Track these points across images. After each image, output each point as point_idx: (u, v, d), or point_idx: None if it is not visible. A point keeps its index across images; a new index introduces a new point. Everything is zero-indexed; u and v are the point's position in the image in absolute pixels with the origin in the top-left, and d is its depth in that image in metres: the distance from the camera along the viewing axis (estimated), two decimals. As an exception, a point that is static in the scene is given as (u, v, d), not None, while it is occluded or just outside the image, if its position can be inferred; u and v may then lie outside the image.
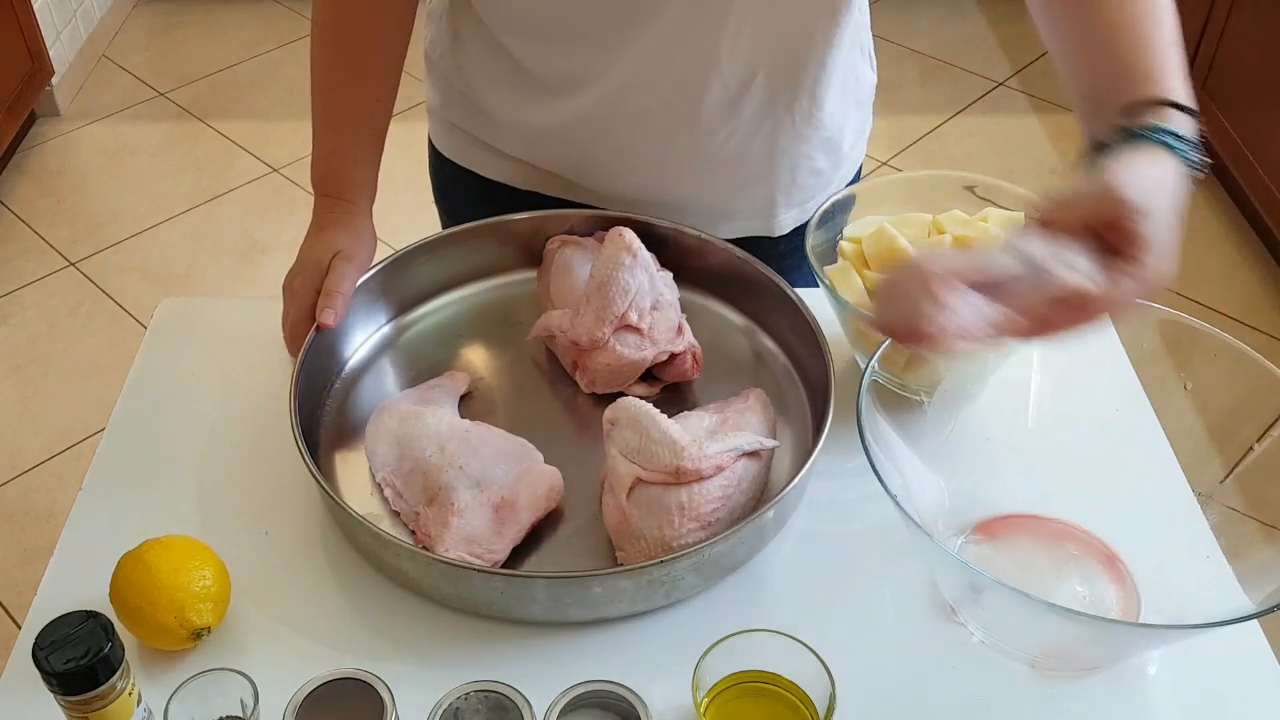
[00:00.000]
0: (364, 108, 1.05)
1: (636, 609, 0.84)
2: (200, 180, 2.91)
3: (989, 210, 1.02)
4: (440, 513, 0.85)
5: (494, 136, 1.13)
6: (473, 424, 0.93)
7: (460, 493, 0.86)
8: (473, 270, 1.09)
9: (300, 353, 0.94)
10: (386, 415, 0.94)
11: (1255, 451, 0.85)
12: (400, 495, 0.89)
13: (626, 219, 1.04)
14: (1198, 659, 0.82)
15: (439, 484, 0.87)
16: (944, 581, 0.85)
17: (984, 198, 1.04)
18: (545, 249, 1.07)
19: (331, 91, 1.04)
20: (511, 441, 0.91)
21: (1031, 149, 2.96)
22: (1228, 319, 2.45)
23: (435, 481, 0.87)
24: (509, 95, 1.08)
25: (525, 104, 1.07)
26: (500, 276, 1.10)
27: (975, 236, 0.98)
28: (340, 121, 1.05)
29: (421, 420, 0.92)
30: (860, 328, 0.97)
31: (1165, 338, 0.91)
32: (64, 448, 2.22)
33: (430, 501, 0.87)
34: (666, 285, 1.00)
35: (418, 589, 0.85)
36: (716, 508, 0.84)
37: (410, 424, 0.92)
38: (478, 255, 1.08)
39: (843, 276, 0.97)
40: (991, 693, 0.80)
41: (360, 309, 1.02)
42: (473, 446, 0.89)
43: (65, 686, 0.65)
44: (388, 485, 0.90)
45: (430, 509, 0.86)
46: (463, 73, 1.10)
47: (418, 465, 0.89)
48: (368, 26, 1.02)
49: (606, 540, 0.88)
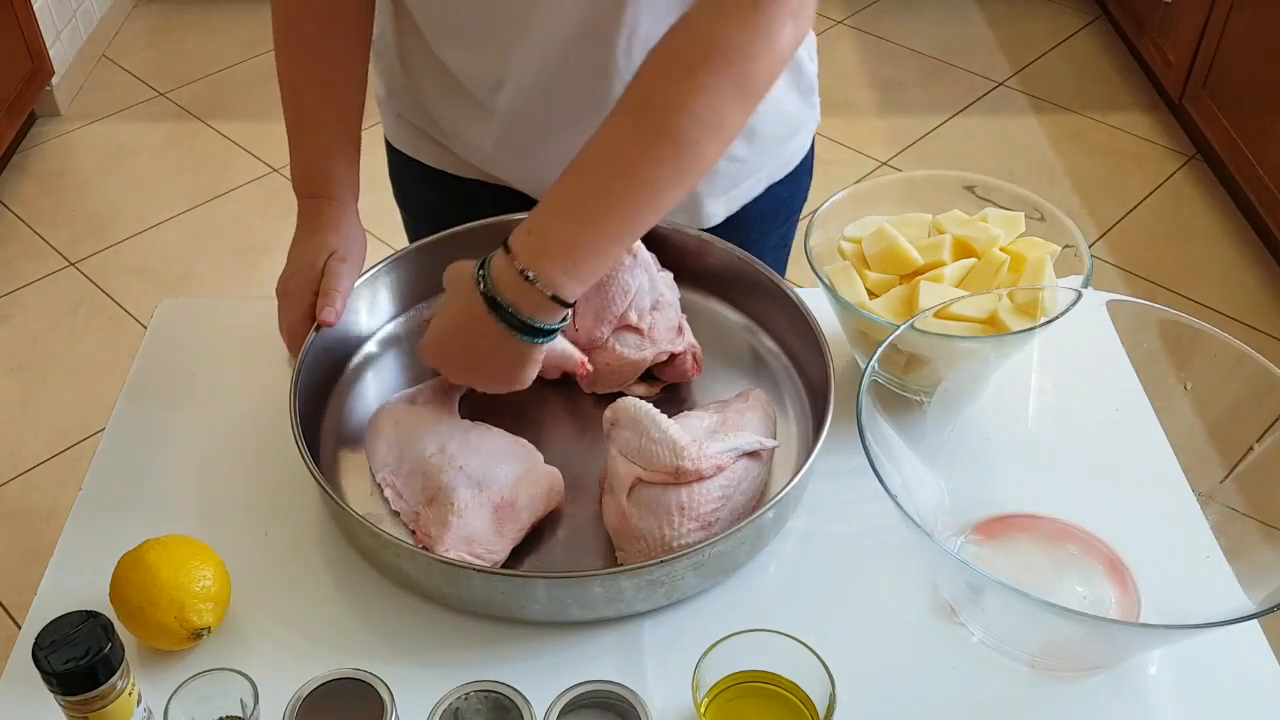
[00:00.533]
0: (337, 105, 1.05)
1: (636, 609, 0.84)
2: (200, 180, 2.91)
3: (989, 210, 1.02)
4: (440, 512, 0.85)
5: (441, 134, 1.13)
6: (473, 424, 0.93)
7: (460, 493, 0.86)
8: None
9: (300, 353, 0.94)
10: (386, 415, 0.94)
11: (1255, 451, 0.85)
12: (400, 495, 0.89)
13: None
14: (1198, 659, 0.82)
15: (439, 484, 0.87)
16: (944, 581, 0.85)
17: (984, 198, 1.04)
18: None
19: (303, 94, 1.04)
20: (512, 441, 0.91)
21: (1031, 149, 2.96)
22: (1228, 319, 2.45)
23: (435, 481, 0.87)
24: (452, 109, 1.08)
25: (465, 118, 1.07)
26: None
27: (975, 236, 0.98)
28: (316, 122, 1.05)
29: (421, 420, 0.92)
30: (860, 328, 0.97)
31: (1165, 338, 0.91)
32: (64, 448, 2.22)
33: (430, 501, 0.87)
34: (667, 285, 1.00)
35: (418, 589, 0.85)
36: (716, 508, 0.84)
37: (410, 424, 0.92)
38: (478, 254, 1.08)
39: (843, 277, 0.97)
40: (991, 693, 0.80)
41: (361, 308, 1.02)
42: (473, 446, 0.89)
43: (65, 686, 0.65)
44: (388, 485, 0.90)
45: (430, 509, 0.86)
46: (407, 68, 1.10)
47: (418, 465, 0.89)
48: (328, 24, 1.02)
49: (606, 540, 0.88)
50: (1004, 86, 3.19)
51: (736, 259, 1.04)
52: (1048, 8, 3.53)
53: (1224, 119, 2.67)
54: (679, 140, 0.81)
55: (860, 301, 0.96)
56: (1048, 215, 1.01)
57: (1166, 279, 2.57)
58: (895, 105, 3.12)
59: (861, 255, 1.00)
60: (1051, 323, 0.91)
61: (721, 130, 0.83)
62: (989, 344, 0.93)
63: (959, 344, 0.92)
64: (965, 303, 0.92)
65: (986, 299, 0.93)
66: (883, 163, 2.90)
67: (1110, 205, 2.78)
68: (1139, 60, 3.23)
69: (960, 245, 0.99)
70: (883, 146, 2.96)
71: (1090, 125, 3.04)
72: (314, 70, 1.04)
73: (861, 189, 1.04)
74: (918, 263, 0.98)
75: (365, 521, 0.83)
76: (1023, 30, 3.43)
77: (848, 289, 0.97)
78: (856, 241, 1.01)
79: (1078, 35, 3.41)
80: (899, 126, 3.04)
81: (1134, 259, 2.63)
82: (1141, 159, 2.93)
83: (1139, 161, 2.92)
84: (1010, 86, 3.19)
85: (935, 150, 2.95)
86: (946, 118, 3.07)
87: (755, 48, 0.81)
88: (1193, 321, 0.89)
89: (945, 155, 2.93)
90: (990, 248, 0.97)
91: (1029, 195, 1.02)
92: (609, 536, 0.88)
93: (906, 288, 0.97)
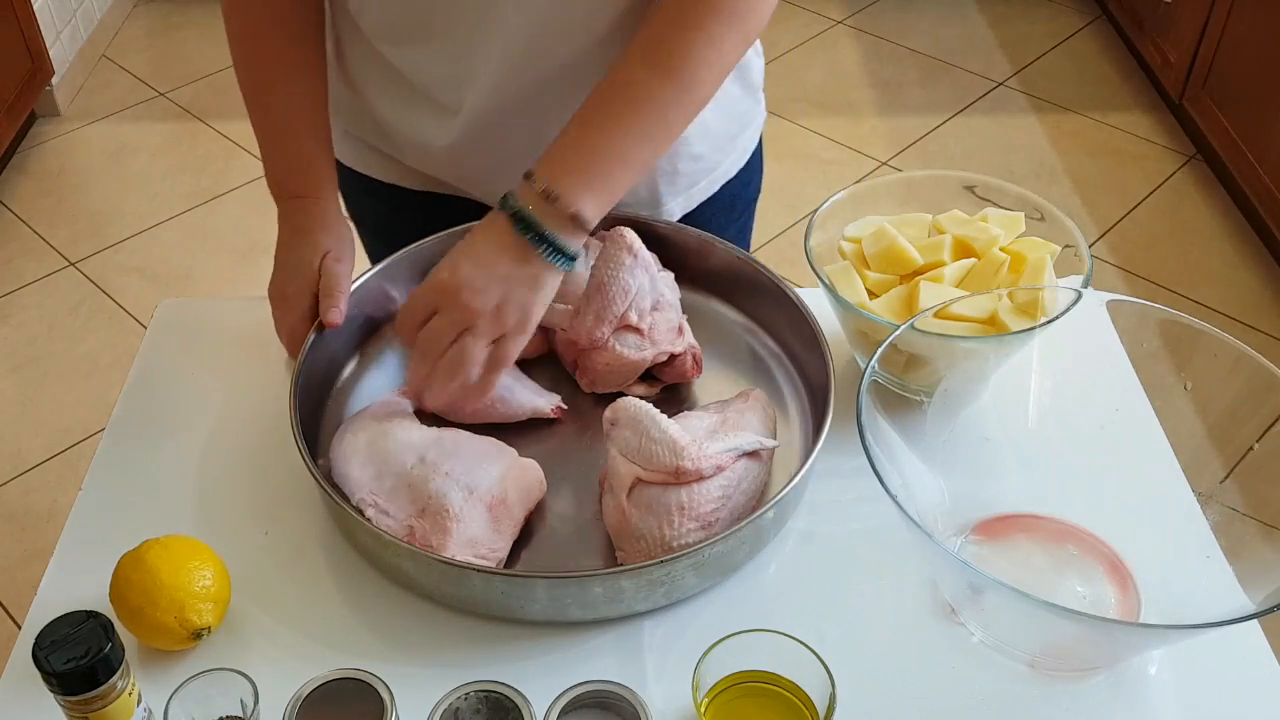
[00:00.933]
0: (305, 103, 1.04)
1: (636, 609, 0.84)
2: (200, 180, 2.91)
3: (989, 210, 1.02)
4: (437, 521, 0.84)
5: (389, 145, 1.13)
6: (441, 429, 0.92)
7: (453, 498, 0.85)
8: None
9: (300, 354, 0.94)
10: (350, 436, 0.92)
11: (1255, 451, 0.85)
12: (386, 513, 0.87)
13: (626, 218, 1.04)
14: (1198, 659, 0.82)
15: (428, 493, 0.86)
16: (944, 581, 0.85)
17: (984, 198, 1.04)
18: None
19: (269, 96, 1.04)
20: (484, 441, 0.91)
21: (1031, 149, 2.96)
22: (1228, 319, 2.45)
23: (424, 491, 0.86)
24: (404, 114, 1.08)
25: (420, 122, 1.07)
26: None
27: (975, 236, 0.98)
28: (286, 123, 1.04)
29: (392, 434, 0.90)
30: (860, 328, 0.97)
31: (1165, 338, 0.91)
32: (64, 448, 2.22)
33: (422, 512, 0.85)
34: (668, 286, 1.00)
35: (418, 589, 0.85)
36: (716, 508, 0.84)
37: (381, 440, 0.90)
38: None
39: (843, 276, 0.97)
40: (991, 693, 0.80)
41: (360, 308, 1.02)
42: (451, 451, 0.89)
43: (65, 686, 0.65)
44: (369, 505, 0.87)
45: (424, 520, 0.85)
46: (350, 79, 1.10)
47: (401, 479, 0.87)
48: (281, 24, 1.02)
49: (606, 540, 0.88)
50: (1004, 86, 3.19)
51: (737, 259, 1.04)
52: (1048, 8, 3.53)
53: (1224, 119, 2.67)
54: (689, 80, 0.90)
55: (860, 301, 0.96)
56: (1048, 215, 1.01)
57: (1166, 279, 2.57)
58: (895, 105, 3.12)
59: (861, 255, 1.00)
60: (1051, 323, 0.91)
61: (723, 71, 0.92)
62: (989, 344, 0.93)
63: (959, 344, 0.92)
64: (965, 303, 0.92)
65: (986, 299, 0.93)
66: (883, 162, 2.90)
67: (1110, 205, 2.78)
68: (1139, 60, 3.23)
69: (960, 245, 0.99)
70: (883, 146, 2.96)
71: (1090, 125, 3.04)
72: (275, 72, 1.03)
73: (861, 189, 1.04)
74: (918, 263, 0.98)
75: (366, 522, 0.83)
76: (1023, 30, 3.43)
77: (848, 289, 0.97)
78: (856, 241, 1.01)
79: (1078, 35, 3.41)
80: (899, 126, 3.04)
81: (1134, 259, 2.63)
82: (1141, 159, 2.93)
83: (1139, 161, 2.92)
84: (1010, 86, 3.19)
85: (935, 150, 2.95)
86: (946, 118, 3.07)
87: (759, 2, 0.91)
88: (1193, 321, 0.89)
89: (945, 155, 2.93)
90: (990, 248, 0.97)
91: (1029, 195, 1.02)
92: (609, 536, 0.88)
93: (906, 288, 0.97)
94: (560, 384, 1.01)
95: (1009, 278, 0.96)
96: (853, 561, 0.88)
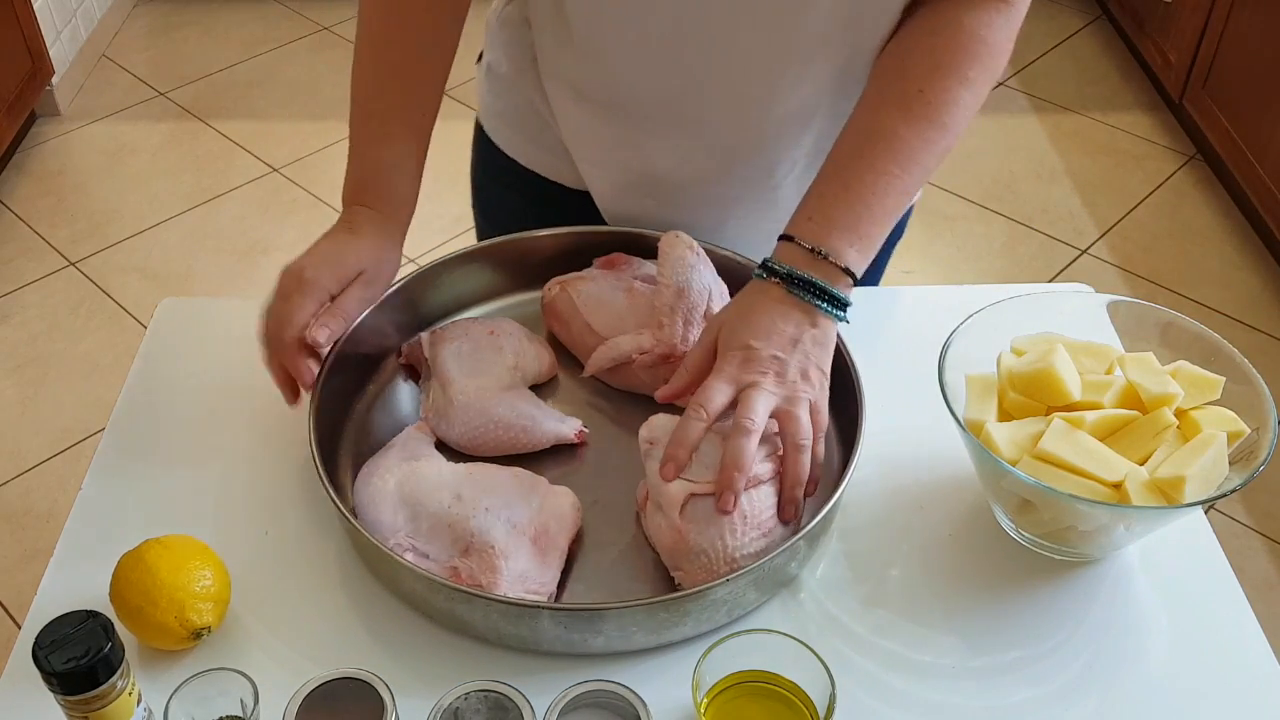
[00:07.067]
0: (410, 118, 1.00)
1: (702, 629, 0.82)
2: (200, 180, 2.91)
3: (1181, 364, 0.87)
4: (484, 560, 0.82)
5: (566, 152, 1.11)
6: (468, 465, 0.90)
7: (497, 534, 0.83)
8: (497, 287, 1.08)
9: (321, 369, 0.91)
10: (378, 480, 0.88)
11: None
12: (425, 555, 0.84)
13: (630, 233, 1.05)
14: (1197, 658, 0.82)
15: (470, 531, 0.83)
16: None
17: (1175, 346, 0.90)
18: (545, 299, 1.03)
19: (377, 102, 0.99)
20: (513, 473, 0.88)
21: (1032, 149, 2.96)
22: (1228, 319, 2.45)
23: (465, 530, 0.83)
24: (600, 134, 1.06)
25: (617, 145, 1.05)
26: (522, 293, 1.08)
27: (1148, 386, 0.84)
28: (385, 133, 0.99)
29: (420, 473, 0.88)
30: (975, 452, 0.85)
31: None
32: (64, 448, 2.22)
33: (466, 552, 0.83)
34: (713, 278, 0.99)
35: (473, 632, 0.82)
36: (772, 514, 0.83)
37: (411, 480, 0.87)
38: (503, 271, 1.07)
39: (980, 389, 0.88)
40: (991, 694, 0.80)
41: (385, 324, 1.00)
42: (485, 487, 0.86)
43: (65, 686, 0.65)
44: (406, 550, 0.84)
45: (468, 559, 0.82)
46: (544, 114, 1.09)
47: (439, 519, 0.84)
48: (418, 32, 0.98)
49: (654, 563, 0.86)
50: (1004, 86, 3.19)
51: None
52: (1048, 8, 3.53)
53: (1224, 119, 2.67)
54: (947, 125, 0.91)
55: (976, 420, 0.86)
56: (1253, 384, 0.85)
57: (1166, 279, 2.57)
58: (895, 105, 3.11)
59: (1011, 375, 0.88)
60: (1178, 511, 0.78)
61: (974, 112, 0.93)
62: (1098, 510, 0.80)
63: (1059, 499, 0.80)
64: (1091, 457, 0.80)
65: (1121, 461, 0.81)
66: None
67: (1110, 205, 2.78)
68: (1139, 60, 3.23)
69: (1129, 393, 0.85)
70: (883, 146, 2.95)
71: (1090, 125, 3.04)
72: (393, 78, 0.99)
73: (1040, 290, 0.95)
74: (1072, 398, 0.85)
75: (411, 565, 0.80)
76: (1023, 30, 3.41)
77: (976, 404, 0.87)
78: (1020, 354, 0.89)
79: (1078, 35, 3.41)
80: (899, 126, 3.03)
81: (1134, 259, 2.63)
82: (1141, 159, 2.93)
83: (1139, 161, 2.92)
84: (1010, 86, 3.19)
85: (935, 150, 2.95)
86: (946, 118, 3.07)
87: (1008, 44, 0.94)
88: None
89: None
90: (1161, 405, 0.84)
91: (1234, 353, 0.87)
92: (655, 559, 0.85)
93: (1043, 421, 0.84)
94: (578, 409, 0.98)
95: (1171, 446, 0.82)
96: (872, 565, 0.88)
